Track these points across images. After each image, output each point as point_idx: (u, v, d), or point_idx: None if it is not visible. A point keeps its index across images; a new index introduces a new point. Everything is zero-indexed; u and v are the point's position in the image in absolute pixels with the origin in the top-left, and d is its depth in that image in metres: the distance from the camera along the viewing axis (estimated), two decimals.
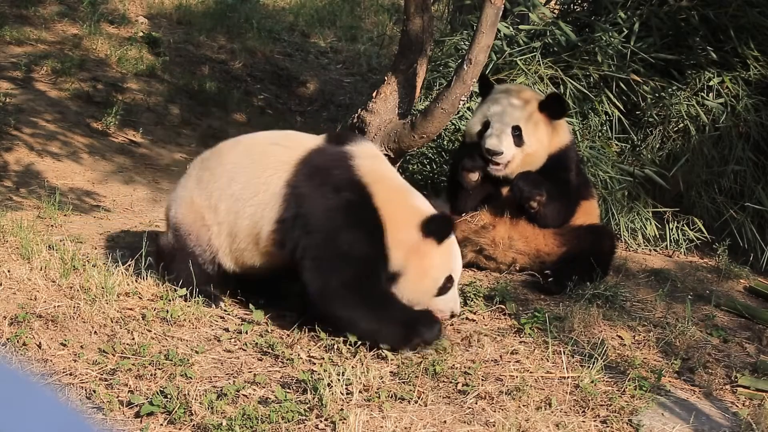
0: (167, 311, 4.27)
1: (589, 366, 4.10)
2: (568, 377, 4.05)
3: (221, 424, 3.47)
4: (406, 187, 4.30)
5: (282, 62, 9.83)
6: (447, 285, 4.22)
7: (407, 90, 4.65)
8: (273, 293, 4.50)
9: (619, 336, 4.57)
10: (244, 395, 3.73)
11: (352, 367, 3.84)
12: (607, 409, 3.88)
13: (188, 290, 4.42)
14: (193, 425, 3.53)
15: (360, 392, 3.73)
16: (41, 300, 4.26)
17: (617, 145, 6.32)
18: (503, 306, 4.68)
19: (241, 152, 4.44)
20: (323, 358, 4.01)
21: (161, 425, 3.54)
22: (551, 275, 4.98)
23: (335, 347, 4.08)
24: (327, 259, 4.07)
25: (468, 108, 6.05)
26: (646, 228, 6.04)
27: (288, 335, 4.24)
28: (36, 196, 5.86)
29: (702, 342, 4.63)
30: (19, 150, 6.66)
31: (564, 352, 4.22)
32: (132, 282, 4.46)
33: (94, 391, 3.70)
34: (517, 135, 5.11)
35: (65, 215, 5.48)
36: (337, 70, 10.07)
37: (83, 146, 6.99)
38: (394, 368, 3.99)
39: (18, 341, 3.98)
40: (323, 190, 4.13)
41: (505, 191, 5.24)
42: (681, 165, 6.21)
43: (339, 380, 3.72)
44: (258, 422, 3.50)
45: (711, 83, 6.36)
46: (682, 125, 6.38)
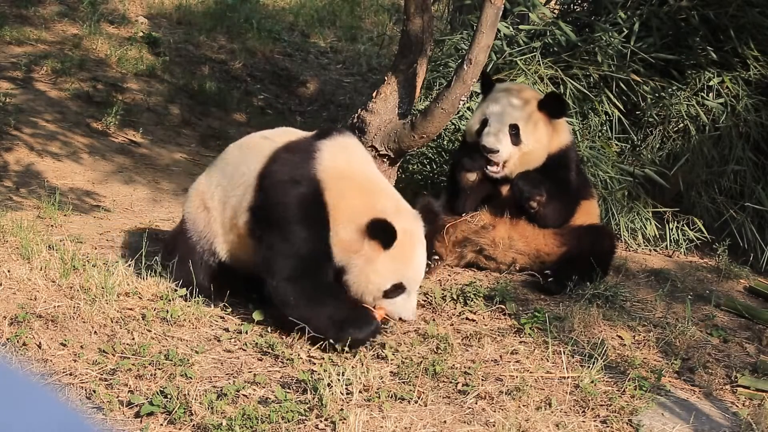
0: (167, 311, 4.27)
1: (589, 366, 4.11)
2: (568, 377, 4.05)
3: (221, 424, 3.47)
4: (371, 186, 4.20)
5: (282, 62, 9.83)
6: (396, 291, 4.16)
7: (407, 90, 4.65)
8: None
9: (619, 336, 4.57)
10: (244, 395, 3.73)
11: (352, 367, 3.84)
12: (607, 409, 3.88)
13: (188, 290, 4.43)
14: (193, 425, 3.53)
15: (360, 392, 3.73)
16: (41, 300, 4.26)
17: (617, 145, 6.31)
18: (503, 306, 4.68)
19: (238, 146, 4.61)
20: (323, 358, 4.01)
21: (161, 425, 3.54)
22: (551, 275, 4.98)
23: (335, 347, 4.08)
24: (278, 251, 4.17)
25: (468, 108, 6.05)
26: (646, 228, 6.04)
27: (288, 335, 4.24)
28: (36, 196, 5.86)
29: (702, 342, 4.63)
30: (19, 150, 6.66)
31: (564, 352, 4.22)
32: (132, 282, 4.46)
33: (94, 391, 3.70)
34: (515, 134, 5.12)
35: (65, 215, 5.48)
36: (337, 70, 10.07)
37: (83, 146, 6.99)
38: (394, 368, 3.99)
39: (18, 341, 3.98)
40: (283, 183, 4.23)
41: (505, 191, 5.24)
42: (681, 165, 6.21)
43: (339, 380, 3.72)
44: (258, 422, 3.50)
45: (711, 83, 6.36)
46: (682, 125, 6.38)
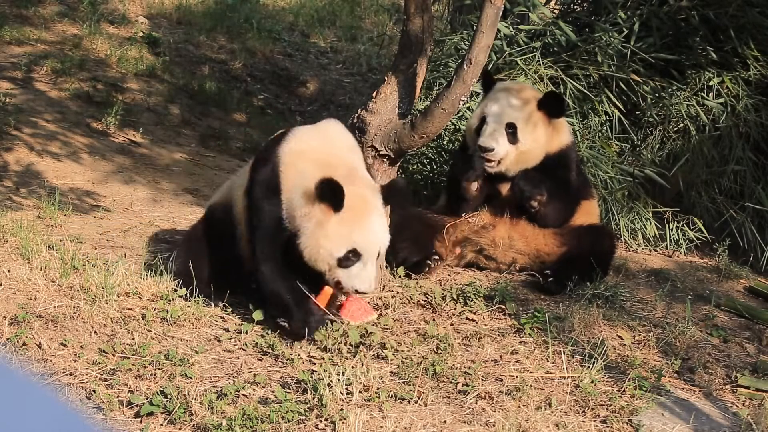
0: (167, 311, 4.27)
1: (589, 366, 4.10)
2: (568, 377, 4.05)
3: (221, 424, 3.47)
4: (330, 160, 4.22)
5: (282, 62, 9.83)
6: (350, 258, 4.11)
7: (407, 90, 4.64)
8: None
9: (619, 336, 4.57)
10: (244, 395, 3.73)
11: (352, 367, 3.84)
12: (607, 409, 3.88)
13: (188, 290, 4.44)
14: (193, 425, 3.53)
15: (360, 392, 3.73)
16: (41, 300, 4.26)
17: (617, 145, 6.31)
18: (503, 306, 4.68)
19: None
20: (323, 358, 4.01)
21: (161, 425, 3.54)
22: (551, 275, 4.98)
23: (335, 347, 4.08)
24: (253, 229, 4.34)
25: (468, 108, 6.05)
26: (646, 228, 6.03)
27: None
28: (36, 196, 5.86)
29: (702, 342, 4.63)
30: (19, 150, 6.66)
31: (564, 352, 4.22)
32: (132, 282, 4.46)
33: (94, 391, 3.70)
34: (512, 132, 5.12)
35: (65, 215, 5.48)
36: (337, 70, 10.07)
37: (83, 146, 6.99)
38: (394, 368, 3.99)
39: (18, 341, 3.98)
40: (258, 166, 4.40)
41: (505, 191, 5.24)
42: (681, 165, 6.21)
43: (339, 380, 3.73)
44: (258, 422, 3.50)
45: (711, 83, 6.35)
46: (682, 125, 6.38)
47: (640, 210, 6.05)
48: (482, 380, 3.97)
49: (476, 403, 3.82)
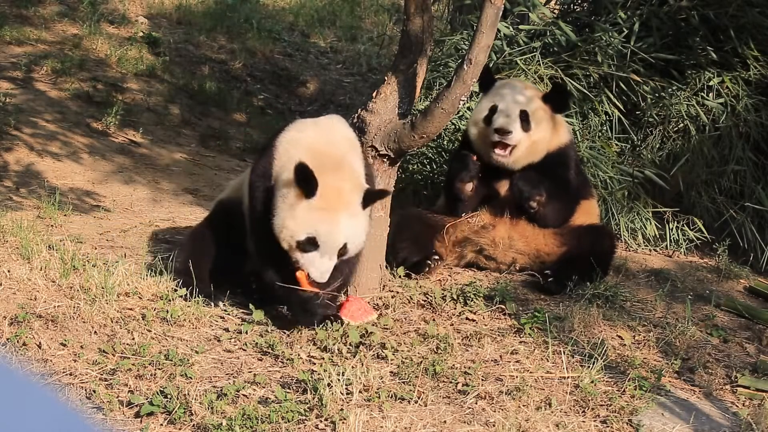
0: (167, 311, 4.27)
1: (589, 366, 4.10)
2: (568, 377, 4.05)
3: (221, 424, 3.47)
4: (321, 149, 4.29)
5: (282, 62, 9.83)
6: (309, 245, 4.15)
7: (407, 90, 4.64)
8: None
9: (619, 336, 4.57)
10: (244, 395, 3.73)
11: (352, 367, 3.84)
12: (607, 409, 3.88)
13: (188, 290, 4.44)
14: (193, 425, 3.53)
15: (360, 392, 3.73)
16: (41, 300, 4.26)
17: (617, 145, 6.31)
18: (503, 306, 4.68)
19: None
20: (323, 358, 4.01)
21: (161, 425, 3.54)
22: (551, 275, 4.98)
23: (335, 347, 4.08)
24: (252, 219, 4.46)
25: (468, 108, 6.05)
26: (646, 228, 6.03)
27: (288, 335, 4.24)
28: (36, 196, 5.86)
29: (702, 342, 4.63)
30: (19, 150, 6.66)
31: (564, 352, 4.22)
32: (132, 282, 4.46)
33: (94, 391, 3.70)
34: (525, 120, 5.14)
35: (65, 215, 5.48)
36: (337, 70, 10.06)
37: (83, 146, 6.99)
38: (394, 368, 3.99)
39: (18, 341, 3.98)
40: (258, 156, 4.58)
41: (504, 191, 5.24)
42: (681, 165, 6.21)
43: (339, 380, 3.73)
44: (258, 422, 3.50)
45: (711, 83, 6.35)
46: (682, 125, 6.38)
47: (640, 210, 6.05)
48: (482, 380, 3.97)
49: (476, 403, 3.82)
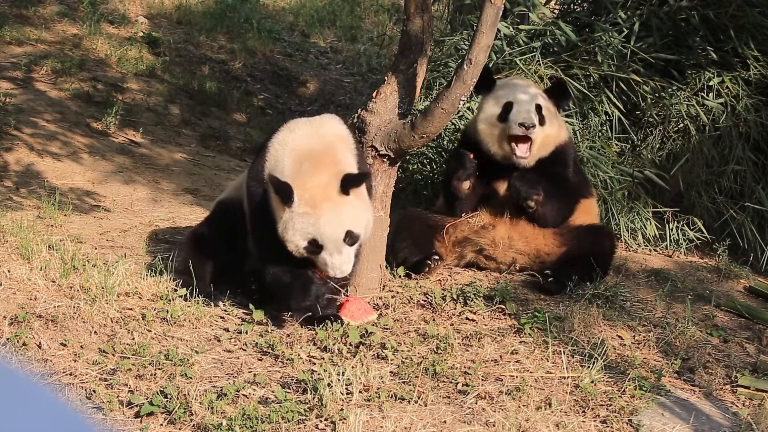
0: (167, 311, 4.27)
1: (589, 366, 4.10)
2: (568, 377, 4.05)
3: (221, 424, 3.47)
4: (305, 149, 4.29)
5: (282, 62, 9.83)
6: (315, 248, 4.18)
7: (407, 90, 4.64)
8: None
9: (619, 336, 4.57)
10: (244, 395, 3.73)
11: (352, 367, 3.84)
12: (607, 409, 3.88)
13: (188, 290, 4.44)
14: (193, 425, 3.53)
15: (360, 392, 3.73)
16: (41, 300, 4.26)
17: (617, 145, 6.31)
18: (503, 306, 4.68)
19: None
20: (323, 358, 4.01)
21: (161, 425, 3.54)
22: (551, 275, 4.98)
23: (335, 347, 4.08)
24: (251, 218, 4.50)
25: (468, 108, 6.05)
26: (646, 228, 6.03)
27: (288, 335, 4.24)
28: (36, 196, 5.86)
29: (702, 342, 4.63)
30: (19, 150, 6.66)
31: (564, 352, 4.22)
32: (132, 282, 4.46)
33: (94, 391, 3.70)
34: (540, 113, 5.14)
35: (65, 215, 5.48)
36: (337, 70, 10.06)
37: (83, 146, 6.99)
38: (394, 368, 3.99)
39: (18, 341, 3.98)
40: (254, 157, 4.61)
41: (503, 191, 5.24)
42: (681, 165, 6.20)
43: (339, 380, 3.73)
44: (258, 422, 3.50)
45: (711, 83, 6.35)
46: (682, 125, 6.38)
47: (640, 210, 6.05)
48: (482, 380, 3.97)
49: (476, 403, 3.82)
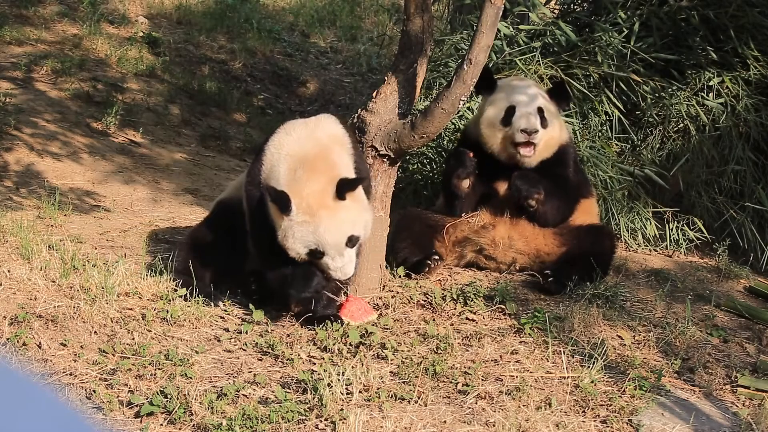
0: (167, 311, 4.27)
1: (589, 366, 4.10)
2: (568, 377, 4.05)
3: (221, 424, 3.47)
4: (300, 154, 4.27)
5: (282, 62, 9.83)
6: (315, 255, 4.18)
7: (407, 90, 4.64)
8: None
9: (619, 336, 4.57)
10: (244, 395, 3.74)
11: (352, 367, 3.84)
12: (607, 409, 3.88)
13: (188, 290, 4.44)
14: (193, 425, 3.53)
15: (360, 392, 3.73)
16: (41, 300, 4.26)
17: (617, 145, 6.31)
18: (503, 306, 4.68)
19: None
20: (323, 358, 4.01)
21: (161, 425, 3.54)
22: (551, 275, 4.98)
23: (335, 347, 4.08)
24: (250, 222, 4.48)
25: (468, 108, 6.05)
26: (646, 228, 6.03)
27: (288, 335, 4.24)
28: (36, 196, 5.86)
29: (702, 342, 4.63)
30: (19, 150, 6.66)
31: (564, 352, 4.22)
32: (132, 282, 4.46)
33: (94, 391, 3.70)
34: (542, 116, 5.14)
35: (65, 215, 5.48)
36: (337, 70, 10.06)
37: (83, 146, 6.99)
38: (394, 368, 3.99)
39: (18, 341, 3.98)
40: (252, 159, 4.60)
41: (503, 190, 5.24)
42: (681, 165, 6.21)
43: (339, 380, 3.73)
44: (258, 422, 3.50)
45: (711, 83, 6.35)
46: (682, 125, 6.38)
47: (640, 210, 6.05)
48: (482, 380, 3.97)
49: (476, 403, 3.82)
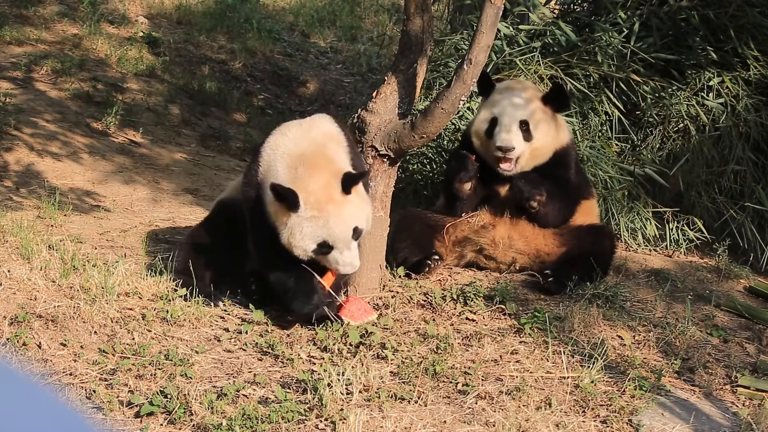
0: (167, 311, 4.27)
1: (589, 366, 4.10)
2: (568, 377, 4.05)
3: (221, 424, 3.47)
4: (298, 152, 4.27)
5: (282, 62, 9.83)
6: (323, 249, 4.18)
7: (407, 90, 4.64)
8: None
9: (619, 336, 4.57)
10: (244, 395, 3.74)
11: (352, 367, 3.84)
12: (607, 409, 3.88)
13: (188, 290, 4.44)
14: (193, 425, 3.53)
15: (360, 392, 3.73)
16: (41, 300, 4.26)
17: (617, 145, 6.31)
18: (503, 306, 4.68)
19: None
20: (323, 358, 4.01)
21: (161, 425, 3.55)
22: (551, 275, 4.98)
23: (335, 347, 4.08)
24: (250, 223, 4.47)
25: (468, 108, 6.05)
26: (646, 228, 6.03)
27: (288, 335, 4.24)
28: (36, 196, 5.86)
29: (702, 342, 4.63)
30: (19, 150, 6.66)
31: (564, 352, 4.22)
32: (132, 282, 4.46)
33: (94, 391, 3.70)
34: (525, 129, 5.13)
35: (65, 215, 5.48)
36: (337, 70, 10.07)
37: (83, 146, 6.99)
38: (394, 368, 3.99)
39: (18, 341, 3.98)
40: (250, 161, 4.62)
41: (504, 191, 5.24)
42: (681, 165, 6.21)
43: (339, 380, 3.73)
44: (258, 422, 3.50)
45: (711, 83, 6.35)
46: (682, 125, 6.38)
47: (640, 210, 6.05)
48: (482, 380, 3.97)
49: (476, 403, 3.82)
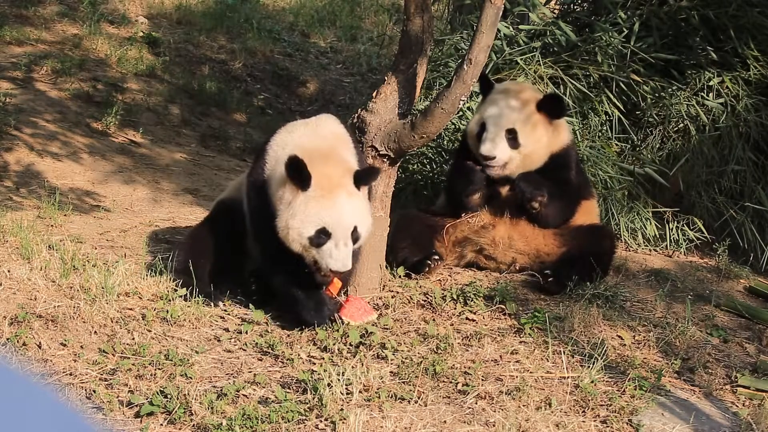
0: (167, 311, 4.27)
1: (589, 366, 4.10)
2: (568, 377, 4.05)
3: (221, 424, 3.48)
4: (308, 144, 4.28)
5: (282, 62, 9.83)
6: (321, 237, 4.12)
7: (407, 90, 4.64)
8: None
9: (619, 336, 4.57)
10: (244, 395, 3.74)
11: (352, 367, 3.84)
12: (607, 409, 3.88)
13: (188, 290, 4.44)
14: (193, 425, 3.53)
15: (360, 392, 3.73)
16: (41, 300, 4.26)
17: (617, 145, 6.31)
18: (503, 306, 4.68)
19: None
20: (323, 358, 4.01)
21: (161, 425, 3.55)
22: (551, 275, 4.98)
23: (335, 347, 4.08)
24: (252, 223, 4.49)
25: (468, 108, 6.05)
26: (646, 228, 6.03)
27: (288, 335, 4.24)
28: (36, 196, 5.86)
29: (702, 342, 4.63)
30: (19, 150, 6.66)
31: (564, 352, 4.22)
32: (132, 282, 4.46)
33: (94, 391, 3.70)
34: (512, 138, 5.11)
35: (65, 215, 5.48)
36: (337, 70, 10.06)
37: (83, 146, 6.99)
38: (394, 368, 3.99)
39: (18, 341, 3.98)
40: (254, 160, 4.63)
41: (505, 191, 5.24)
42: (681, 165, 6.21)
43: (339, 380, 3.73)
44: (258, 422, 3.50)
45: (711, 83, 6.35)
46: (682, 125, 6.38)
47: (640, 210, 6.05)
48: (482, 380, 3.97)
49: (476, 403, 3.82)
